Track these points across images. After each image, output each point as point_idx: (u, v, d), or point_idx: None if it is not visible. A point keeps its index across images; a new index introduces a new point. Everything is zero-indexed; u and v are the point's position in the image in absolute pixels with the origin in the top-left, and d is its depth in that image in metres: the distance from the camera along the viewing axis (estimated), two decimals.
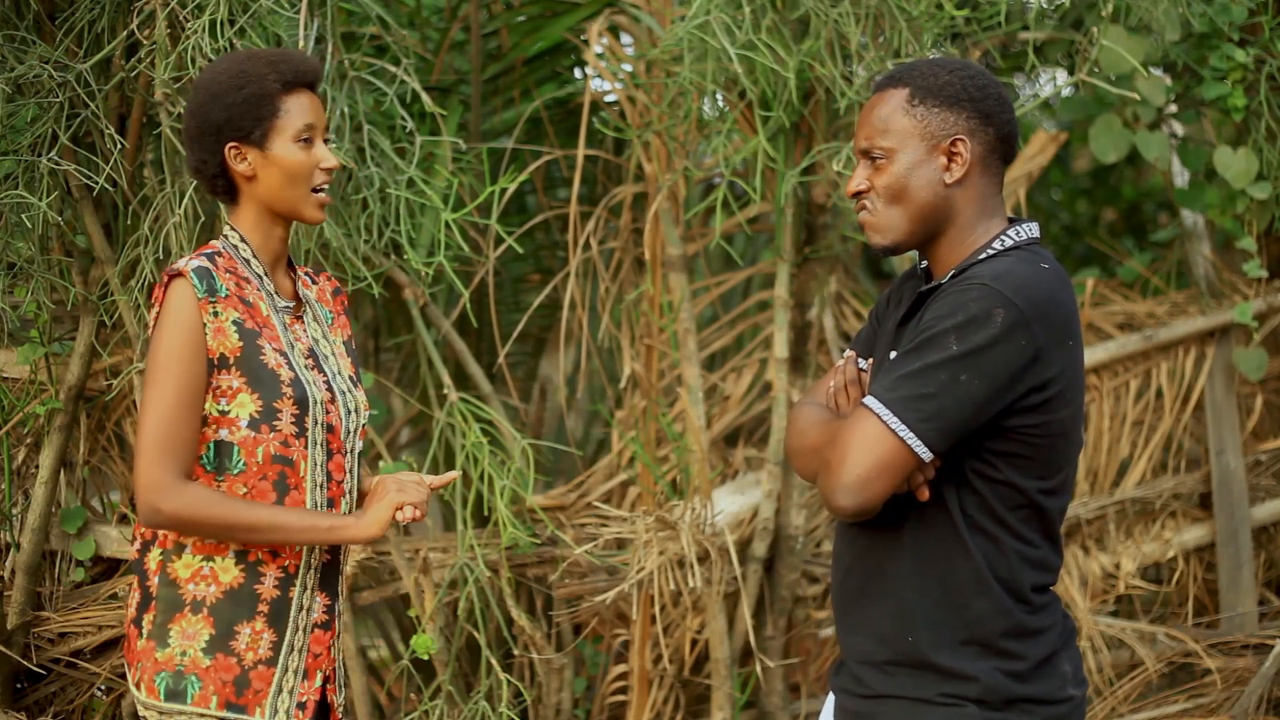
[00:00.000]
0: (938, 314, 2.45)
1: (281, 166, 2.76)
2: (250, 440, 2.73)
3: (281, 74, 2.75)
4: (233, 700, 2.72)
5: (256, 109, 2.74)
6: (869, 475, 2.42)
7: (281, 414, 2.73)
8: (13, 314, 3.79)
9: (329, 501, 2.81)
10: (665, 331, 4.40)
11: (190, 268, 2.71)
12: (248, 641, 2.73)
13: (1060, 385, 2.47)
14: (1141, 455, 4.84)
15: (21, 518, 3.88)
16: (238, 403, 2.72)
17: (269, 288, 2.81)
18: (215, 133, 2.76)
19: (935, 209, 2.56)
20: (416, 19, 4.88)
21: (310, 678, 2.80)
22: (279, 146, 2.76)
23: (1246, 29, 4.64)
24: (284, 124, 2.75)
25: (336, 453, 2.82)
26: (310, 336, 2.86)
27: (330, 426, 2.80)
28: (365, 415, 2.91)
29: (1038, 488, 2.50)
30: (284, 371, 2.74)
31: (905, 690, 2.53)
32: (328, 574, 2.84)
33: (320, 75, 2.83)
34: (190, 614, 2.72)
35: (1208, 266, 4.97)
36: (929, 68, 2.59)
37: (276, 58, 2.78)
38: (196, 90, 2.79)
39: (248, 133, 2.75)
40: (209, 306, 2.69)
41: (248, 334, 2.72)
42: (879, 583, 2.56)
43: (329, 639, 2.84)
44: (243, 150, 2.76)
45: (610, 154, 4.73)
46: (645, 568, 4.07)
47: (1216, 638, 4.69)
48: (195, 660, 2.72)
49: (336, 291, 2.99)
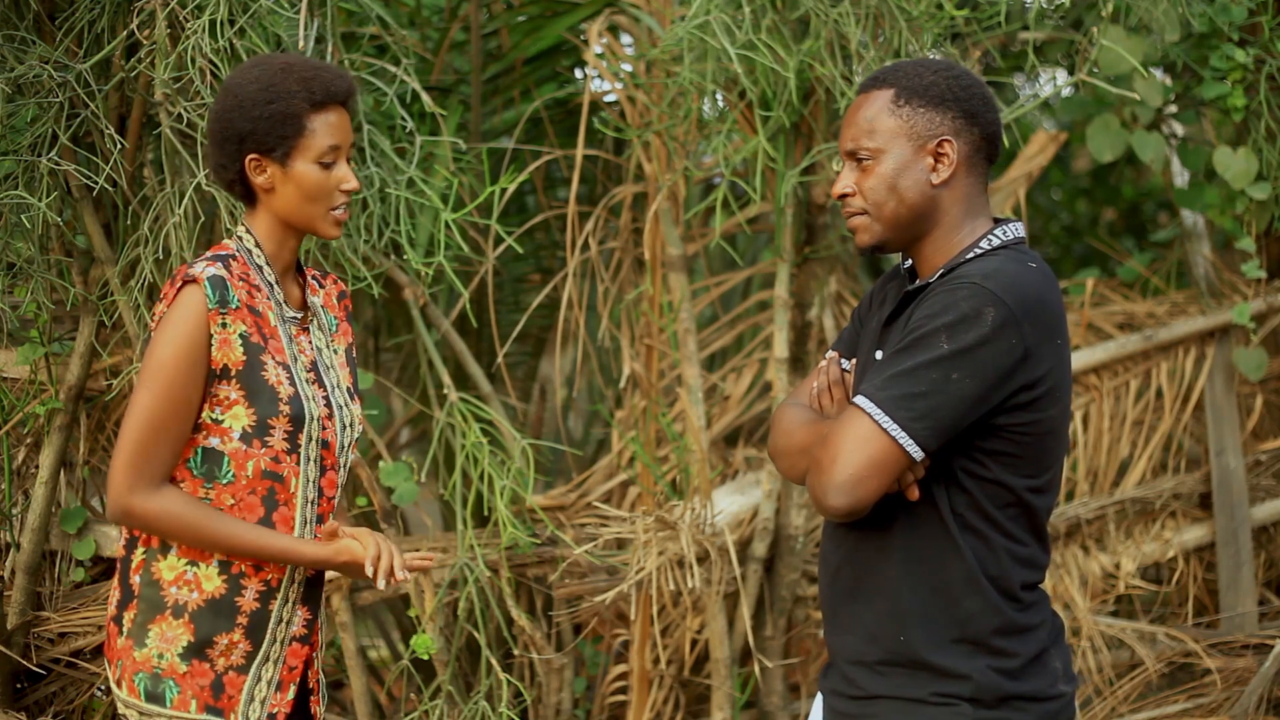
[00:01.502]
0: (927, 313, 2.45)
1: (300, 185, 2.73)
2: (241, 453, 2.71)
3: (312, 93, 2.71)
4: (210, 703, 2.72)
5: (281, 126, 2.70)
6: (861, 475, 2.42)
7: (275, 430, 2.71)
8: (13, 314, 3.79)
9: (318, 518, 2.80)
10: (665, 331, 4.40)
11: (205, 276, 2.67)
12: (223, 649, 2.73)
13: (1049, 384, 2.47)
14: (1141, 455, 4.84)
15: (21, 518, 3.88)
16: (232, 414, 2.70)
17: (278, 297, 2.79)
18: (238, 141, 2.72)
19: (922, 209, 2.57)
20: (416, 19, 4.88)
21: (284, 690, 2.79)
22: (300, 165, 2.72)
23: (1246, 29, 4.64)
24: (308, 144, 2.71)
25: (330, 469, 2.80)
26: (314, 347, 2.84)
27: (325, 443, 2.78)
28: (359, 429, 2.89)
29: (1026, 486, 2.51)
30: (284, 388, 2.71)
31: (898, 690, 2.53)
32: (311, 588, 2.83)
33: (353, 92, 2.78)
34: (171, 617, 2.71)
35: (1207, 266, 4.97)
36: (914, 68, 2.59)
37: (310, 74, 2.72)
38: (224, 93, 2.75)
39: (270, 148, 2.71)
40: (219, 317, 2.67)
41: (252, 348, 2.70)
42: (869, 582, 2.56)
43: (307, 652, 2.83)
44: (263, 163, 2.72)
45: (610, 154, 4.73)
46: (645, 568, 4.07)
47: (1216, 638, 4.69)
48: (173, 665, 2.71)
49: (342, 295, 2.96)
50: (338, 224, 2.78)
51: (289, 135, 2.70)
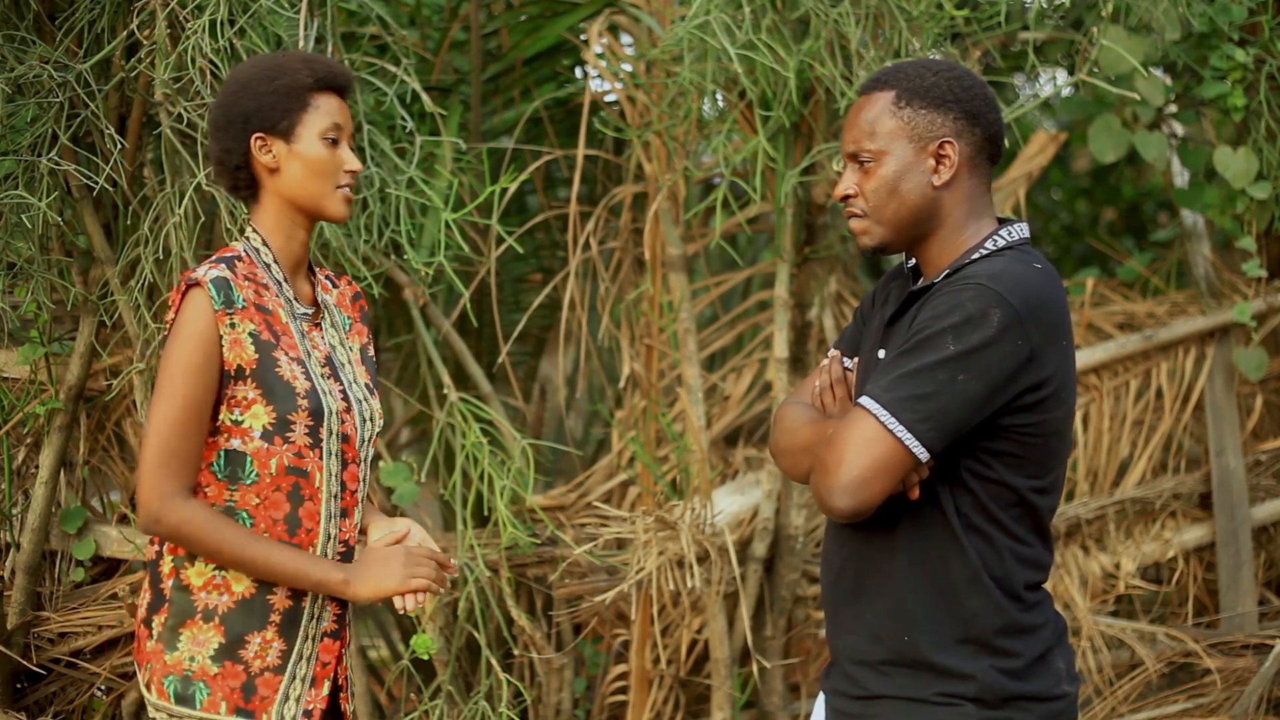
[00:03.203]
0: (933, 314, 2.45)
1: (306, 161, 2.76)
2: (263, 451, 2.72)
3: (315, 71, 2.77)
4: (241, 705, 2.72)
5: (287, 100, 2.74)
6: (866, 476, 2.41)
7: (295, 425, 2.72)
8: (13, 314, 3.79)
9: (343, 511, 2.81)
10: (665, 331, 4.40)
11: (209, 278, 2.69)
12: (257, 650, 2.73)
13: (1054, 385, 2.47)
14: (1141, 455, 4.84)
15: (21, 518, 3.88)
16: (251, 414, 2.71)
17: (288, 294, 2.80)
18: (243, 121, 2.75)
19: (924, 211, 2.56)
20: (416, 19, 4.88)
21: (318, 686, 2.80)
22: (305, 141, 2.75)
23: (1246, 29, 4.64)
24: (312, 119, 2.76)
25: (351, 462, 2.81)
26: (328, 344, 2.85)
27: (345, 436, 2.79)
28: (380, 423, 2.90)
29: (1030, 486, 2.50)
30: (300, 383, 2.73)
31: (902, 690, 2.53)
32: None
33: (352, 85, 2.84)
34: (201, 621, 2.72)
35: (1208, 266, 4.97)
36: (915, 69, 2.58)
37: (312, 58, 2.80)
38: (227, 83, 2.80)
39: (275, 123, 2.74)
40: (225, 318, 2.68)
41: (264, 345, 2.71)
42: (873, 582, 2.56)
43: (338, 648, 2.83)
44: (268, 142, 2.75)
45: (610, 154, 4.73)
46: (645, 568, 4.07)
47: (1216, 638, 4.69)
48: (204, 668, 2.71)
49: (356, 296, 2.98)
50: (346, 202, 2.80)
51: (293, 109, 2.75)
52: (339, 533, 2.80)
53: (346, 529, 2.82)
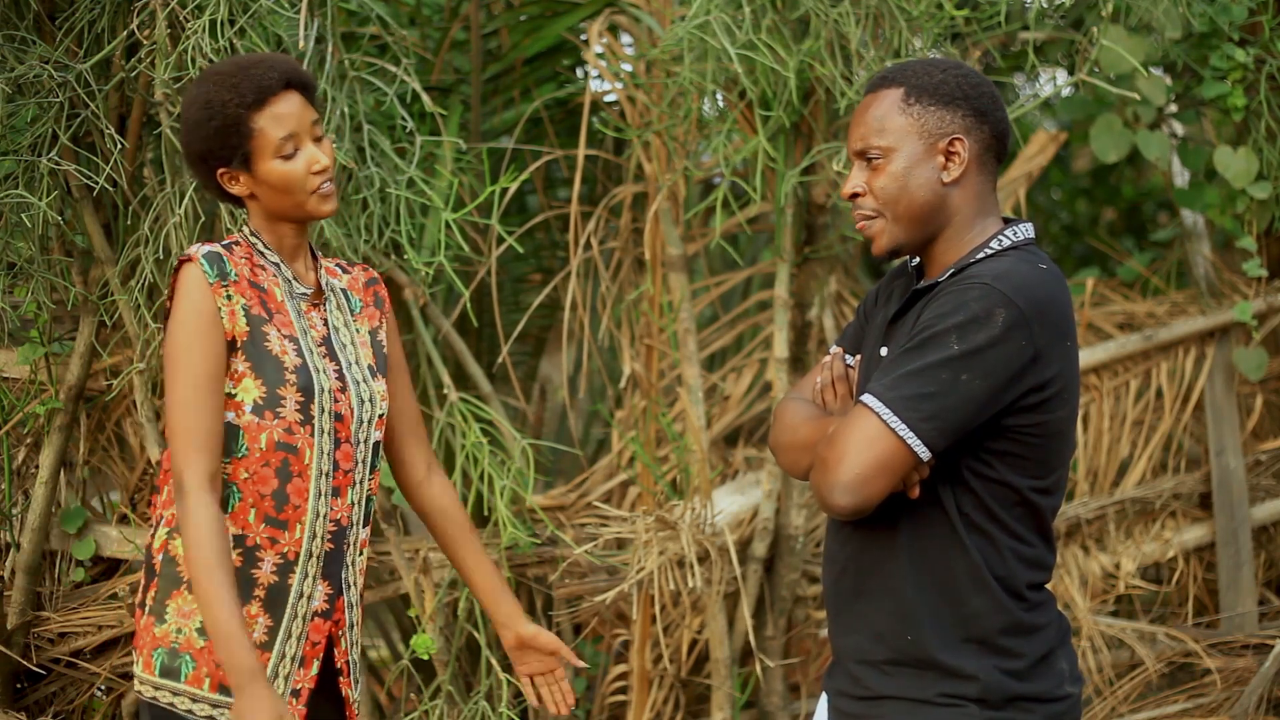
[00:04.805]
0: (938, 313, 2.44)
1: (271, 184, 2.76)
2: (254, 425, 2.74)
3: (243, 96, 2.72)
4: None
5: (229, 138, 2.73)
6: (867, 474, 2.41)
7: (285, 400, 2.74)
8: (13, 314, 3.79)
9: (334, 490, 2.81)
10: (665, 331, 4.40)
11: (200, 253, 2.73)
12: None
13: (1058, 385, 2.47)
14: (1141, 455, 4.84)
15: (21, 518, 3.88)
16: (243, 387, 2.74)
17: (287, 274, 2.83)
18: (202, 161, 2.78)
19: (934, 208, 2.56)
20: (416, 18, 4.88)
21: (307, 666, 2.80)
22: (263, 166, 2.75)
23: (1246, 29, 4.64)
24: (261, 144, 2.74)
25: (345, 442, 2.82)
26: (331, 325, 2.87)
27: (339, 415, 2.80)
28: (382, 406, 2.90)
29: (1032, 486, 2.50)
30: (289, 358, 2.75)
31: (905, 691, 2.52)
32: (330, 562, 2.83)
33: (292, 74, 2.78)
34: (187, 591, 2.73)
35: (1208, 266, 4.97)
36: (922, 67, 2.58)
37: (238, 77, 2.74)
38: (181, 118, 2.81)
39: (229, 159, 2.76)
40: (221, 290, 2.72)
41: (254, 320, 2.74)
42: (875, 582, 2.55)
43: (330, 628, 2.84)
44: (232, 174, 2.78)
45: (610, 154, 4.73)
46: (645, 568, 4.07)
47: (1216, 638, 4.68)
48: (190, 640, 2.73)
49: (371, 282, 3.01)
50: (325, 199, 2.80)
51: (238, 144, 2.74)
52: (329, 511, 2.81)
53: (339, 508, 2.82)
